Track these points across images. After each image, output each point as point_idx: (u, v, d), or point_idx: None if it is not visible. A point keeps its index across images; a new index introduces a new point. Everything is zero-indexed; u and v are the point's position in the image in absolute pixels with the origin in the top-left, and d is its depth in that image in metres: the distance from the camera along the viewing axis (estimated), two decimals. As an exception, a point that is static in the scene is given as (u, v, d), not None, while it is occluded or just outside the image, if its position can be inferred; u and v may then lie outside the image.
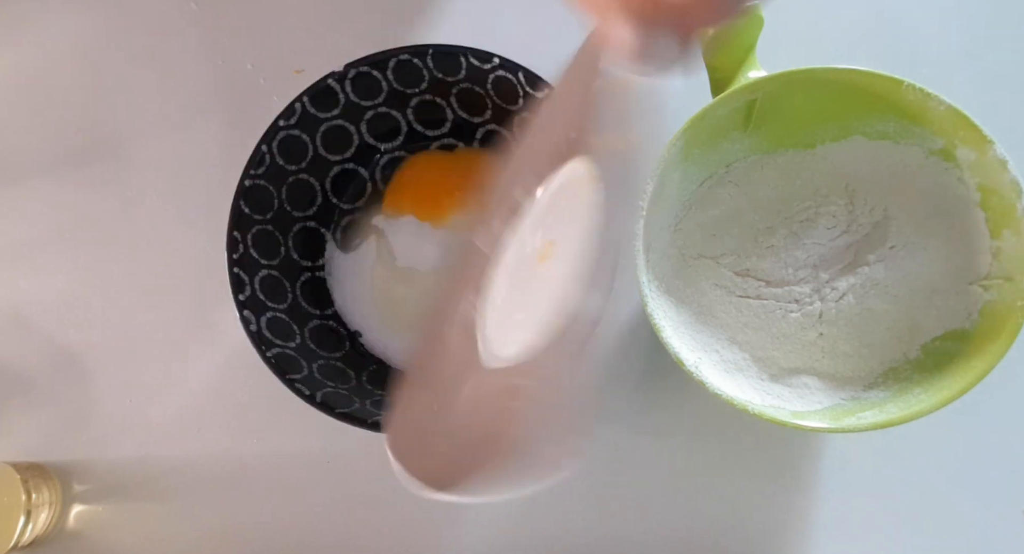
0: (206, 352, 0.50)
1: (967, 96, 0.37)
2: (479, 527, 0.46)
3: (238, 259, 0.43)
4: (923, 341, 0.40)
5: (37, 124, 0.53)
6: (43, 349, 0.50)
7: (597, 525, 0.46)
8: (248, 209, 0.43)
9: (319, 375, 0.43)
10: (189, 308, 0.50)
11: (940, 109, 0.37)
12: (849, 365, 0.41)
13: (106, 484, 0.49)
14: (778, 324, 0.42)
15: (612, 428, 0.46)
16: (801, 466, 0.45)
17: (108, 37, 0.54)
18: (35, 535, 0.46)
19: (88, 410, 0.50)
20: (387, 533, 0.47)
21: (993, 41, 0.49)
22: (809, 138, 0.43)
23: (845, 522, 0.45)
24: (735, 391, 0.38)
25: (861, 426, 0.35)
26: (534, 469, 0.24)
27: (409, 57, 0.43)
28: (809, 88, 0.39)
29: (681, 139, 0.38)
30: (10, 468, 0.46)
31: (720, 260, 0.43)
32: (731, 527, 0.45)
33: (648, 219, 0.39)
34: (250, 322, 0.42)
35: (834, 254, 0.42)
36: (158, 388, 0.49)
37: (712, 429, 0.46)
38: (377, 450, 0.47)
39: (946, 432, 0.45)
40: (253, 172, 0.43)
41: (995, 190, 0.37)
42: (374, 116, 0.47)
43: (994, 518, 0.44)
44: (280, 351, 0.42)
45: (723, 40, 0.39)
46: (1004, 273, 0.37)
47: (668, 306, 0.41)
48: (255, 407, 0.48)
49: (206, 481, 0.48)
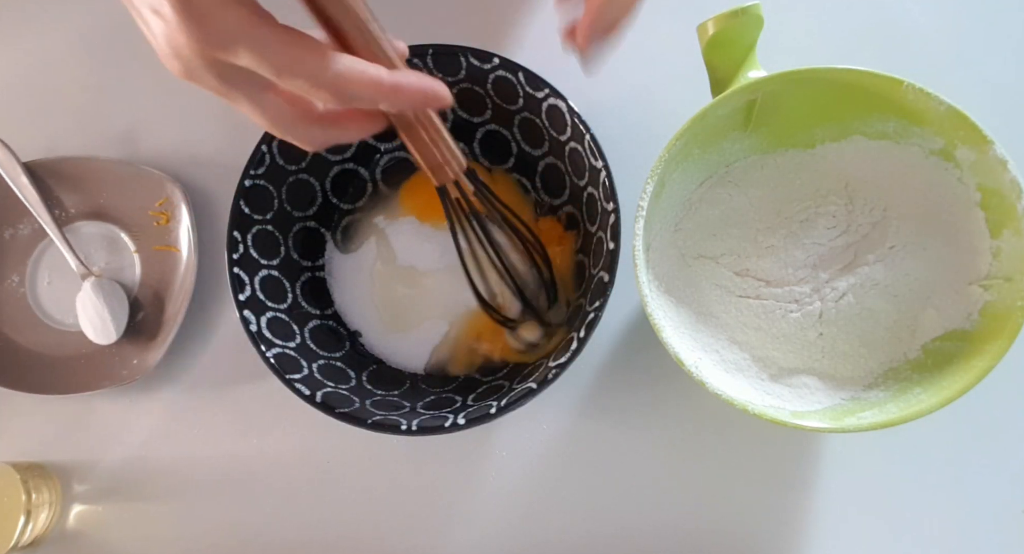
0: (206, 352, 0.50)
1: (967, 96, 0.37)
2: (479, 527, 0.46)
3: (238, 259, 0.43)
4: (923, 341, 0.40)
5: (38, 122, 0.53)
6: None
7: (597, 525, 0.46)
8: (248, 209, 0.43)
9: (319, 375, 0.43)
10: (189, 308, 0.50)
11: (940, 109, 0.37)
12: (849, 365, 0.40)
13: (106, 484, 0.49)
14: (778, 324, 0.42)
15: (612, 428, 0.46)
16: (801, 466, 0.45)
17: (110, 35, 0.54)
18: (35, 535, 0.46)
19: (88, 410, 0.50)
20: (387, 533, 0.47)
21: (993, 41, 0.49)
22: (809, 138, 0.43)
23: (845, 522, 0.45)
24: (735, 391, 0.38)
25: (861, 426, 0.35)
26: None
27: (409, 57, 0.43)
28: (809, 88, 0.39)
29: (681, 139, 0.38)
30: (10, 468, 0.46)
31: (720, 260, 0.43)
32: (731, 527, 0.45)
33: (648, 219, 0.39)
34: (250, 322, 0.42)
35: (834, 254, 0.42)
36: (158, 388, 0.49)
37: (712, 429, 0.46)
38: (377, 450, 0.47)
39: (946, 432, 0.45)
40: (253, 172, 0.43)
41: (995, 190, 0.37)
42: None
43: (994, 518, 0.44)
44: (280, 351, 0.42)
45: (723, 40, 0.39)
46: (1004, 273, 0.37)
47: (668, 306, 0.41)
48: (254, 407, 0.48)
49: (206, 481, 0.48)
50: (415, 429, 0.40)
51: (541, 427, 0.47)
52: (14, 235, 0.52)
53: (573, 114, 0.41)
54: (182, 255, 0.50)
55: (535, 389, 0.39)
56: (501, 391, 0.42)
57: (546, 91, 0.42)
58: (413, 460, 0.47)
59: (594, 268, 0.42)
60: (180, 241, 0.50)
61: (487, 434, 0.47)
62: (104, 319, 0.48)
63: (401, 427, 0.40)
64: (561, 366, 0.39)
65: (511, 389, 0.41)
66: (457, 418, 0.40)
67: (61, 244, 0.50)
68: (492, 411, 0.39)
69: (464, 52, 0.43)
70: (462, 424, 0.39)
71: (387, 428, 0.40)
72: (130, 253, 0.51)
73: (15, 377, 0.49)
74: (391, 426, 0.40)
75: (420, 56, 0.43)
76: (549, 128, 0.44)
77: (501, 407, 0.39)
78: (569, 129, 0.42)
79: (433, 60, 0.43)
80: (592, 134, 0.41)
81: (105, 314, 0.48)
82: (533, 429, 0.47)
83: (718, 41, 0.39)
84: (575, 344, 0.39)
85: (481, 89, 0.45)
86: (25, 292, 0.51)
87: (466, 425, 0.39)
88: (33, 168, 0.50)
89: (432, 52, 0.43)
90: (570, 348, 0.39)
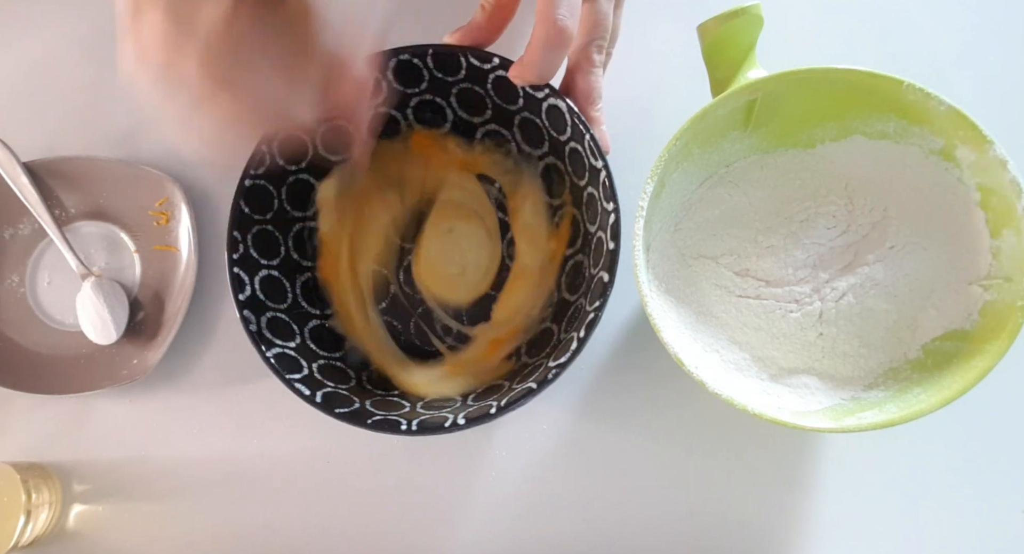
0: (206, 352, 0.50)
1: (967, 96, 0.37)
2: (479, 527, 0.46)
3: (238, 259, 0.43)
4: (923, 341, 0.40)
5: (38, 122, 0.53)
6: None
7: (597, 525, 0.46)
8: (248, 209, 0.43)
9: (319, 375, 0.43)
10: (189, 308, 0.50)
11: (940, 109, 0.37)
12: (849, 365, 0.40)
13: (106, 484, 0.49)
14: (778, 324, 0.42)
15: (612, 427, 0.46)
16: (801, 466, 0.45)
17: (110, 35, 0.54)
18: (35, 535, 0.46)
19: (88, 410, 0.50)
20: (387, 532, 0.47)
21: (993, 41, 0.49)
22: (809, 138, 0.43)
23: (845, 522, 0.45)
24: (735, 391, 0.38)
25: (861, 426, 0.35)
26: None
27: (409, 57, 0.43)
28: (809, 88, 0.39)
29: (681, 139, 0.38)
30: (10, 468, 0.46)
31: (720, 260, 0.43)
32: (731, 527, 0.45)
33: (648, 219, 0.39)
34: (250, 322, 0.42)
35: (834, 254, 0.42)
36: (158, 388, 0.49)
37: (712, 429, 0.46)
38: (377, 450, 0.47)
39: (946, 432, 0.45)
40: (253, 172, 0.43)
41: (995, 190, 0.37)
42: (374, 116, 0.47)
43: (994, 518, 0.44)
44: (280, 351, 0.42)
45: (723, 40, 0.39)
46: (1004, 273, 0.37)
47: (668, 306, 0.41)
48: (254, 407, 0.49)
49: (206, 481, 0.48)
50: (415, 429, 0.40)
51: (541, 427, 0.47)
52: (14, 235, 0.52)
53: (573, 114, 0.41)
54: (182, 255, 0.50)
55: (535, 389, 0.39)
56: (501, 391, 0.42)
57: (546, 91, 0.42)
58: (413, 460, 0.47)
59: (594, 268, 0.42)
60: (180, 241, 0.50)
61: (487, 434, 0.47)
62: (104, 319, 0.48)
63: (401, 427, 0.40)
64: (561, 366, 0.39)
65: (511, 389, 0.41)
66: (457, 418, 0.40)
67: (61, 244, 0.50)
68: (492, 411, 0.39)
69: (464, 52, 0.43)
70: (462, 424, 0.39)
71: (387, 428, 0.40)
72: (130, 253, 0.51)
73: (15, 377, 0.49)
74: (391, 426, 0.40)
75: (420, 56, 0.43)
76: (549, 128, 0.44)
77: (501, 407, 0.39)
78: (569, 129, 0.42)
79: (433, 60, 0.43)
80: (592, 134, 0.41)
81: (105, 314, 0.48)
82: (533, 428, 0.47)
83: (718, 41, 0.39)
84: (575, 344, 0.39)
85: (481, 89, 0.45)
86: (25, 292, 0.51)
87: (466, 425, 0.39)
88: (33, 168, 0.50)
89: (432, 52, 0.43)
90: (570, 348, 0.39)
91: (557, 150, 0.45)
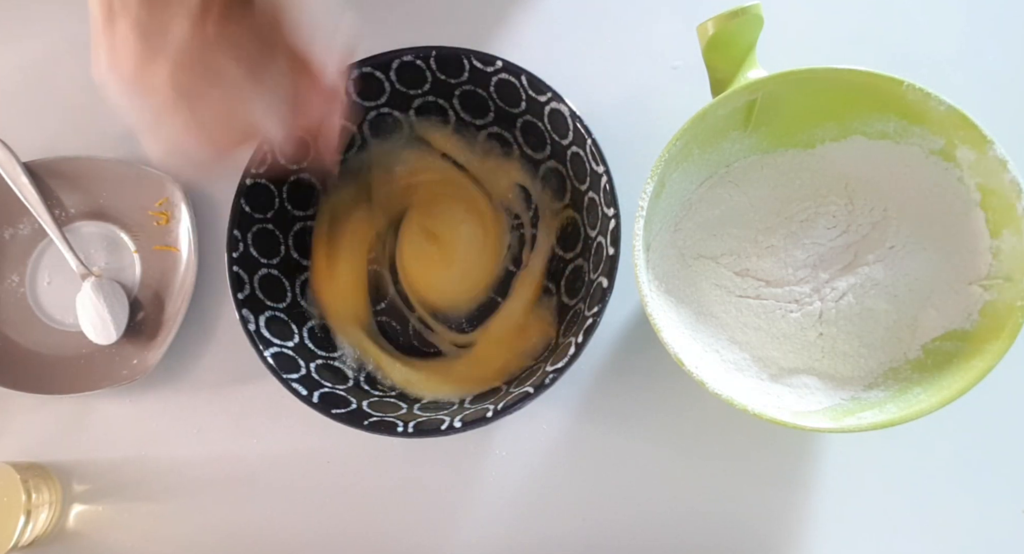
0: (206, 352, 0.50)
1: (967, 96, 0.37)
2: (479, 527, 0.46)
3: (238, 258, 0.43)
4: (923, 341, 0.40)
5: (38, 122, 0.53)
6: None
7: (597, 525, 0.46)
8: (249, 208, 0.43)
9: (317, 375, 0.43)
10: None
11: (940, 109, 0.37)
12: (849, 365, 0.40)
13: (106, 484, 0.49)
14: (778, 324, 0.42)
15: (611, 428, 0.46)
16: (801, 466, 0.45)
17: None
18: (35, 535, 0.46)
19: (88, 410, 0.50)
20: (387, 532, 0.47)
21: (993, 41, 0.49)
22: (809, 138, 0.43)
23: (845, 522, 0.45)
24: (735, 391, 0.38)
25: (861, 426, 0.35)
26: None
27: (412, 58, 0.43)
28: (809, 88, 0.39)
29: (681, 139, 0.38)
30: (10, 468, 0.46)
31: (720, 260, 0.43)
32: (731, 527, 0.45)
33: (648, 219, 0.39)
34: (248, 321, 0.42)
35: (834, 254, 0.42)
36: (158, 388, 0.49)
37: (712, 429, 0.46)
38: (377, 450, 0.47)
39: (946, 432, 0.45)
40: (254, 171, 0.43)
41: (995, 190, 0.37)
42: (376, 116, 0.47)
43: (994, 518, 0.44)
44: (278, 351, 0.42)
45: (723, 40, 0.39)
46: (1004, 273, 0.37)
47: (668, 306, 0.41)
48: (254, 407, 0.48)
49: (206, 481, 0.48)
50: (412, 431, 0.39)
51: (541, 427, 0.47)
52: (14, 235, 0.52)
53: (575, 118, 0.41)
54: (182, 255, 0.50)
55: (532, 393, 0.39)
56: (498, 394, 0.42)
57: (548, 95, 0.42)
58: (413, 460, 0.47)
59: (593, 273, 0.42)
60: (180, 241, 0.50)
61: (487, 434, 0.47)
62: (104, 319, 0.48)
63: (398, 429, 0.40)
64: (558, 371, 0.39)
65: (508, 393, 0.41)
66: (454, 421, 0.40)
67: (61, 244, 0.50)
68: (489, 415, 0.39)
69: (467, 54, 0.43)
70: (458, 427, 0.39)
71: (383, 430, 0.40)
72: (130, 253, 0.51)
73: (15, 377, 0.49)
74: (387, 428, 0.40)
75: (424, 58, 0.43)
76: (551, 132, 0.44)
77: (498, 411, 0.39)
78: (571, 133, 0.42)
79: (436, 62, 0.43)
80: (594, 139, 0.41)
81: (105, 314, 0.48)
82: (533, 429, 0.47)
83: (718, 41, 0.39)
84: (573, 349, 0.39)
85: (484, 92, 0.45)
86: (25, 292, 0.51)
87: (462, 428, 0.39)
88: (33, 168, 0.50)
89: (435, 54, 0.43)
90: (568, 353, 0.39)
91: (559, 154, 0.45)
